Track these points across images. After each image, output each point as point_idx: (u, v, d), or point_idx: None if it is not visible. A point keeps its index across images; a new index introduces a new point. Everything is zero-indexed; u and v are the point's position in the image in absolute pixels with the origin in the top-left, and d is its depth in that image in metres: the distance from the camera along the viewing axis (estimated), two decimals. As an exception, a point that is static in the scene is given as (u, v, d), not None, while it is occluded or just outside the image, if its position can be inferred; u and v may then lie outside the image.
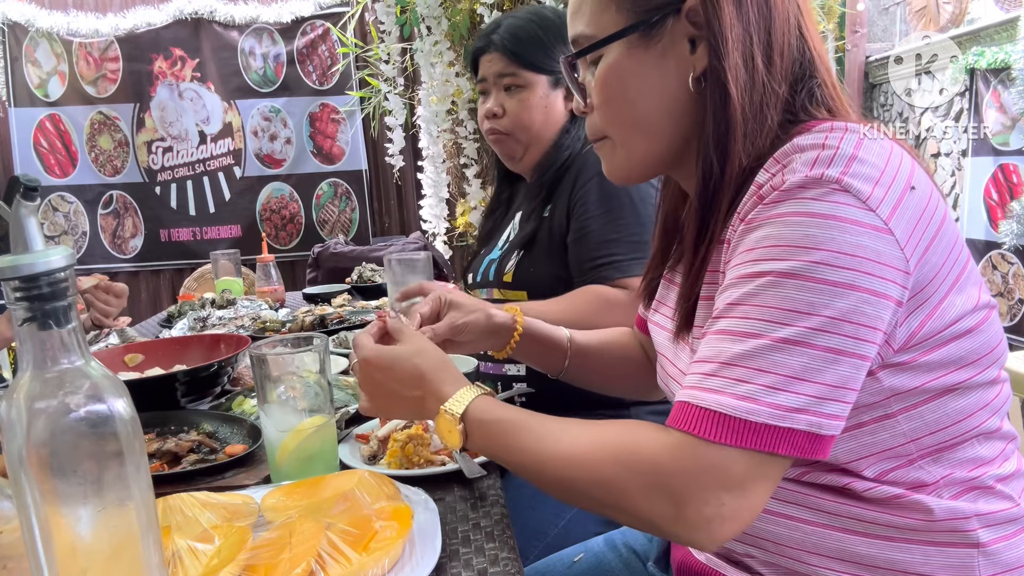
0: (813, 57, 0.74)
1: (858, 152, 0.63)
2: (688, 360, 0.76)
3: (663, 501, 0.61)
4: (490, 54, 1.45)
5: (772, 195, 0.63)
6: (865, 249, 0.60)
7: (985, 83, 2.58)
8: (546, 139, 1.44)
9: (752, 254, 0.63)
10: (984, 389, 0.70)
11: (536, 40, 1.41)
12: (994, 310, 0.71)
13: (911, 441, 0.68)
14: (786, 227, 0.62)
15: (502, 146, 1.49)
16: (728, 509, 0.60)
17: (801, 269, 0.60)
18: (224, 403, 1.25)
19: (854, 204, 0.61)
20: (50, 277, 0.48)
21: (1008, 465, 0.73)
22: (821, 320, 0.59)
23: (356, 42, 3.50)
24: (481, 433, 0.75)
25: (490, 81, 1.47)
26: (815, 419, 0.60)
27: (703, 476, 0.60)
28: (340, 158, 4.27)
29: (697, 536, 0.62)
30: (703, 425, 0.61)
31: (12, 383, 0.50)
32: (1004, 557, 0.69)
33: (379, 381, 0.83)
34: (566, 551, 1.06)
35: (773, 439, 0.59)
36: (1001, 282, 2.60)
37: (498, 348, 1.01)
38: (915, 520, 0.68)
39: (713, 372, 0.62)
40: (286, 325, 1.79)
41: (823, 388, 0.60)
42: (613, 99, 0.76)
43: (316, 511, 0.74)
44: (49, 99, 4.12)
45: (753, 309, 0.62)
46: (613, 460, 0.64)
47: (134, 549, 0.51)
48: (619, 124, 0.77)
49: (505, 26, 1.44)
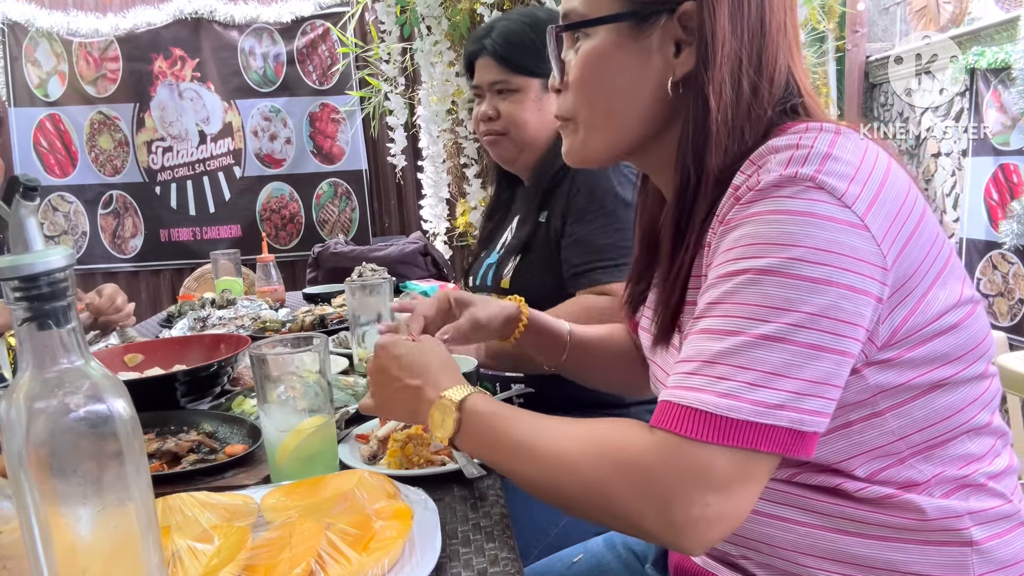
0: (797, 85, 0.74)
1: (832, 150, 0.63)
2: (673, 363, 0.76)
3: (649, 501, 0.61)
4: (484, 59, 1.46)
5: (748, 195, 0.64)
6: (841, 245, 0.60)
7: (985, 83, 2.58)
8: (541, 141, 1.45)
9: (731, 253, 0.64)
10: (972, 384, 0.70)
11: (529, 44, 1.41)
12: (979, 305, 0.71)
13: (900, 439, 0.68)
14: (763, 225, 0.62)
15: (497, 148, 1.50)
16: (713, 511, 0.60)
17: (778, 266, 0.60)
18: (224, 403, 1.25)
19: (829, 201, 0.61)
20: (50, 277, 0.48)
21: (999, 462, 0.72)
22: (800, 316, 0.60)
23: (356, 42, 3.50)
24: (474, 424, 0.74)
25: (484, 87, 1.48)
26: (796, 415, 0.59)
27: (687, 475, 0.60)
28: (340, 158, 4.27)
29: (684, 539, 0.61)
30: (686, 424, 0.61)
31: (12, 383, 0.50)
32: (998, 554, 0.69)
33: (385, 368, 0.84)
34: (566, 551, 1.06)
35: (755, 436, 0.59)
36: (1001, 282, 2.60)
37: (503, 338, 1.03)
38: (908, 519, 0.68)
39: (695, 371, 0.62)
40: (286, 325, 1.79)
41: (803, 384, 0.60)
42: (589, 80, 0.76)
43: (316, 511, 0.74)
44: (49, 99, 4.12)
45: (733, 307, 0.62)
46: (598, 459, 0.64)
47: (134, 549, 0.51)
48: (588, 107, 0.77)
49: (498, 30, 1.44)
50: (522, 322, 1.01)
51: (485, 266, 1.51)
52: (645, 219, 0.89)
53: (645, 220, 0.89)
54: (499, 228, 1.58)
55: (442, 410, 0.76)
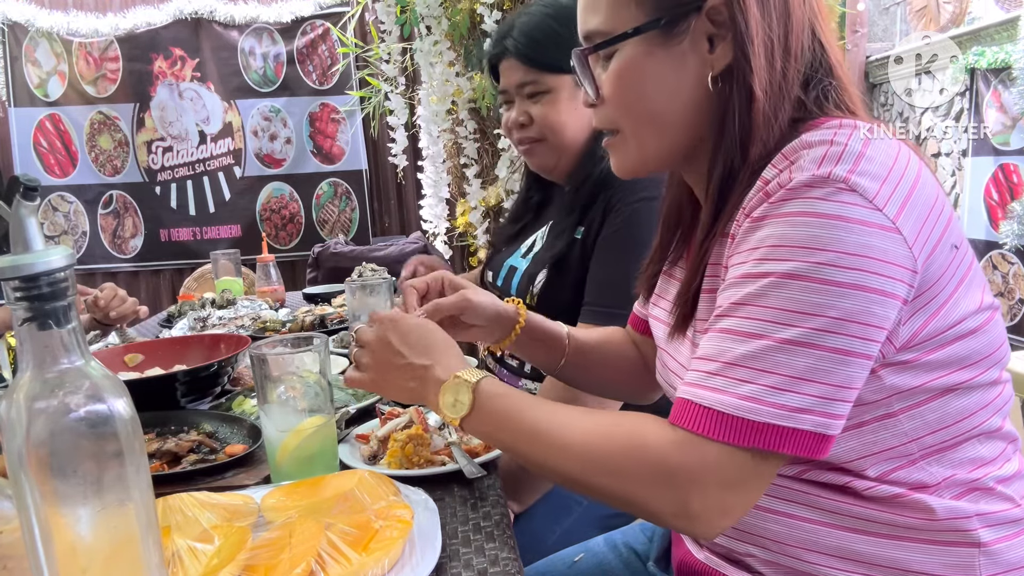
0: (829, 59, 0.73)
1: (866, 150, 0.63)
2: (688, 354, 0.76)
3: (669, 494, 0.63)
4: (507, 61, 1.34)
5: (779, 193, 0.63)
6: (872, 249, 0.60)
7: (985, 83, 2.58)
8: (580, 143, 1.34)
9: (756, 253, 0.63)
10: (986, 389, 0.70)
11: (554, 38, 1.28)
12: (997, 311, 0.71)
13: (913, 440, 0.68)
14: (791, 227, 0.62)
15: (535, 156, 1.38)
16: (728, 503, 0.63)
17: (805, 270, 0.60)
18: (224, 403, 1.25)
19: (861, 204, 0.61)
20: (50, 277, 0.48)
21: (1009, 466, 0.73)
22: (826, 321, 0.60)
23: (356, 42, 3.50)
24: (490, 406, 0.74)
25: (512, 91, 1.35)
26: (821, 419, 0.60)
27: (706, 472, 0.62)
28: (340, 158, 4.27)
29: (697, 527, 0.64)
30: (705, 423, 0.62)
31: (12, 383, 0.50)
32: (1005, 557, 0.69)
33: (388, 342, 0.82)
34: (566, 551, 1.06)
35: (777, 438, 0.60)
36: (1001, 282, 2.60)
37: (498, 340, 0.99)
38: (916, 519, 0.68)
39: (716, 371, 0.63)
40: (286, 325, 1.79)
41: (829, 388, 0.60)
42: (628, 95, 0.75)
43: (316, 511, 0.74)
44: (49, 99, 4.12)
45: (757, 310, 0.62)
46: (621, 452, 0.66)
47: (134, 549, 0.51)
48: (633, 119, 0.76)
49: (519, 27, 1.31)
50: (519, 323, 0.99)
51: (507, 267, 1.45)
52: (668, 205, 0.88)
53: (668, 206, 0.88)
54: (527, 231, 1.48)
55: (455, 390, 0.76)
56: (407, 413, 1.03)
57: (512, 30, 1.32)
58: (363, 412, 1.15)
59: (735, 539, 0.76)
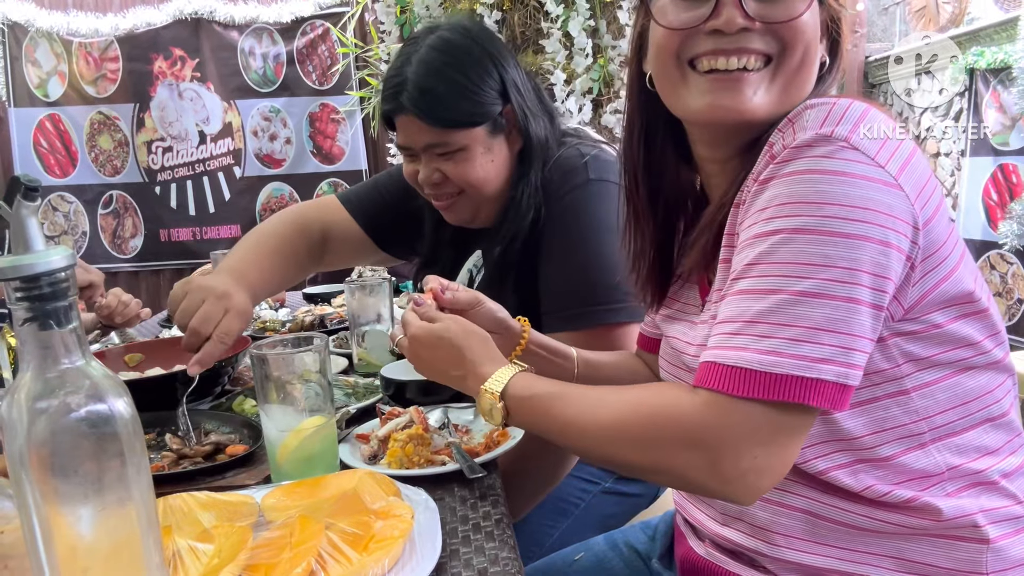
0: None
1: (866, 115, 0.65)
2: (704, 334, 0.76)
3: (699, 458, 0.63)
4: (406, 117, 1.15)
5: (784, 152, 0.65)
6: (876, 202, 0.62)
7: (985, 83, 2.58)
8: (499, 191, 1.20)
9: (765, 213, 0.65)
10: (994, 372, 0.72)
11: (457, 89, 1.12)
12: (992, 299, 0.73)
13: (923, 419, 0.69)
14: (797, 184, 0.63)
15: (454, 212, 1.23)
16: (762, 461, 0.63)
17: (814, 224, 0.62)
18: (224, 403, 1.25)
19: (863, 160, 0.62)
20: (50, 277, 0.48)
21: (1013, 460, 0.74)
22: (838, 271, 0.61)
23: (356, 42, 3.49)
24: (522, 409, 0.77)
25: (416, 149, 1.18)
26: (842, 369, 0.61)
27: (735, 430, 0.62)
28: (340, 158, 4.27)
29: (734, 489, 0.64)
30: (729, 382, 0.62)
31: (13, 383, 0.50)
32: (1011, 553, 0.70)
33: (425, 358, 0.86)
34: (567, 550, 1.07)
35: (801, 390, 0.61)
36: (1000, 282, 2.60)
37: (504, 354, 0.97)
38: (925, 521, 0.69)
39: (737, 331, 0.64)
40: (286, 325, 1.80)
41: (847, 338, 0.61)
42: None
43: (316, 511, 0.74)
44: (49, 99, 4.12)
45: (770, 267, 0.63)
46: (649, 423, 0.67)
47: (134, 549, 0.51)
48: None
49: (414, 82, 1.12)
50: (524, 337, 0.97)
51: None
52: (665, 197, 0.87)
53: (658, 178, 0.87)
54: (454, 268, 1.35)
55: (487, 402, 0.79)
56: (407, 413, 1.04)
57: (406, 84, 1.13)
58: (363, 412, 1.16)
59: (742, 532, 0.77)
